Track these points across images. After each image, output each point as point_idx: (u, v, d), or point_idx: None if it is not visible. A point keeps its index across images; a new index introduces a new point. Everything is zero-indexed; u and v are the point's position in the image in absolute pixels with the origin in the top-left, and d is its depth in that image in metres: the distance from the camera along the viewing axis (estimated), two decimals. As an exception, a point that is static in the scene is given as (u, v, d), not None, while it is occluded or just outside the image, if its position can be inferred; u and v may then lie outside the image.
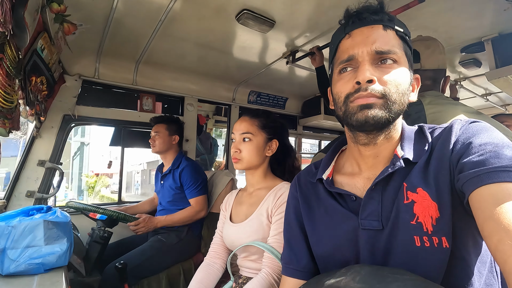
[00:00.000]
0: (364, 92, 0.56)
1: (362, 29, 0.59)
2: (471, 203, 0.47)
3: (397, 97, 0.56)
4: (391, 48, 0.57)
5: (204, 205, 1.83)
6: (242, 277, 1.07)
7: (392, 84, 0.56)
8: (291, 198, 0.78)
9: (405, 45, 0.60)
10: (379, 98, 0.55)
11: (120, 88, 2.09)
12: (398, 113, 0.57)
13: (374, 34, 0.57)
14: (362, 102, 0.56)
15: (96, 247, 1.42)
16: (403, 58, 0.59)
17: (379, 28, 0.58)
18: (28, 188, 1.68)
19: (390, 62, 0.57)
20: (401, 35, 0.59)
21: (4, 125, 1.06)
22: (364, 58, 0.57)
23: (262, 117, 1.13)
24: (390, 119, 0.56)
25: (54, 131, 1.78)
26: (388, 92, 0.55)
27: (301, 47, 1.79)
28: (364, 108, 0.56)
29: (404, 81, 0.57)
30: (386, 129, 0.60)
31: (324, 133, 3.60)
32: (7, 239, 0.89)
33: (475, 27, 1.51)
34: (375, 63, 0.57)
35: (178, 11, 1.38)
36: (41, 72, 1.33)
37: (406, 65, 0.59)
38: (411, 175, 0.56)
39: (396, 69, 0.57)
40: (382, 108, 0.55)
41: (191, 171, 1.83)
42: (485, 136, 0.52)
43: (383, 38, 0.57)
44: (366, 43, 0.57)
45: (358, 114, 0.57)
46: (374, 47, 0.56)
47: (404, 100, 0.58)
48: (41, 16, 1.14)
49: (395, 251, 0.55)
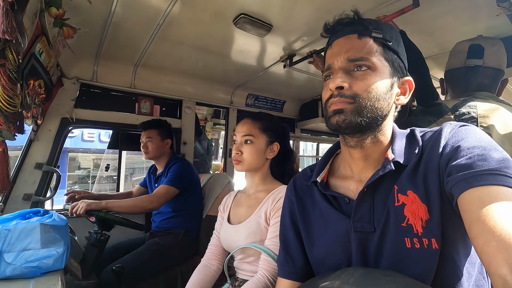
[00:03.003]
0: (335, 98, 0.60)
1: (339, 40, 0.64)
2: (460, 206, 0.47)
3: (369, 102, 0.58)
4: (364, 56, 0.59)
5: (162, 196, 1.68)
6: (239, 280, 1.07)
7: (363, 89, 0.58)
8: (287, 201, 0.79)
9: (386, 50, 0.61)
10: (349, 104, 0.59)
11: (118, 91, 2.09)
12: (373, 117, 0.59)
13: (348, 44, 0.61)
14: (334, 107, 0.61)
15: (93, 251, 1.41)
16: (381, 63, 0.60)
17: (353, 38, 0.62)
18: (25, 191, 1.67)
19: (365, 68, 0.59)
20: (381, 41, 0.61)
21: (10, 128, 1.07)
22: (338, 66, 0.61)
23: (264, 120, 1.14)
24: (363, 122, 0.58)
25: (51, 134, 1.77)
26: (359, 97, 0.58)
27: (299, 50, 1.80)
28: (336, 113, 0.60)
29: (379, 86, 0.59)
30: (370, 132, 0.62)
31: (322, 136, 3.62)
32: (4, 242, 0.89)
33: (470, 31, 1.53)
34: (350, 70, 0.60)
35: (176, 15, 1.39)
36: (39, 76, 1.34)
37: (385, 70, 0.60)
38: (402, 178, 0.57)
39: (370, 74, 0.59)
40: (353, 112, 0.58)
41: (177, 166, 1.83)
42: (474, 139, 0.53)
43: (357, 46, 0.61)
44: (340, 53, 0.61)
45: (331, 119, 0.61)
46: (347, 55, 0.60)
47: (381, 104, 0.59)
48: (39, 20, 1.14)
49: (386, 253, 0.55)
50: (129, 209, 1.58)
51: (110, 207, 1.50)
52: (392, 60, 0.62)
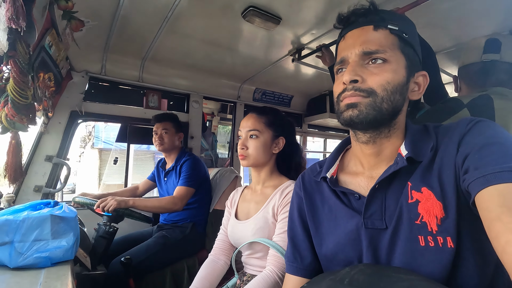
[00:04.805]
0: (348, 92, 0.58)
1: (353, 32, 0.62)
2: (478, 204, 0.46)
3: (385, 96, 0.56)
4: (380, 48, 0.57)
5: (184, 198, 1.72)
6: (247, 275, 1.07)
7: (379, 83, 0.56)
8: (295, 196, 0.78)
9: (401, 43, 0.59)
10: (364, 97, 0.57)
11: (126, 85, 2.10)
12: (388, 112, 0.57)
13: (363, 36, 0.59)
14: (347, 101, 0.59)
15: (102, 242, 1.43)
16: (396, 56, 0.58)
17: (369, 29, 0.60)
18: (36, 182, 1.71)
19: (380, 61, 0.57)
20: (397, 34, 0.59)
21: (22, 120, 1.08)
22: (352, 59, 0.59)
23: (269, 114, 1.13)
24: (377, 117, 0.57)
25: (61, 127, 1.80)
26: (374, 91, 0.56)
27: (307, 44, 1.78)
28: (349, 107, 0.58)
29: (395, 80, 0.57)
30: (384, 127, 0.60)
31: (330, 132, 3.58)
32: (16, 233, 0.91)
33: (486, 24, 1.48)
34: (365, 64, 0.59)
35: (184, 8, 1.38)
36: (49, 69, 1.35)
37: (401, 64, 0.59)
38: (416, 174, 0.56)
39: (386, 68, 0.57)
40: (367, 107, 0.57)
41: (190, 164, 1.84)
42: (492, 135, 0.51)
43: (372, 38, 0.59)
44: (355, 45, 0.59)
45: (344, 113, 0.60)
46: (362, 48, 0.58)
47: (396, 99, 0.58)
48: (49, 13, 1.15)
49: (399, 251, 0.54)
50: (155, 209, 1.66)
51: (137, 205, 1.54)
52: (408, 54, 0.60)
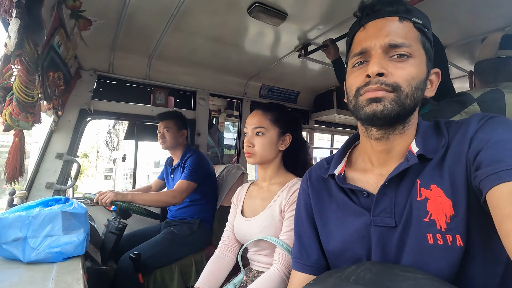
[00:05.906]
0: (373, 86, 0.55)
1: (376, 21, 0.58)
2: (489, 201, 0.45)
3: (409, 91, 0.54)
4: (406, 41, 0.55)
5: (184, 191, 1.71)
6: (253, 271, 1.08)
7: (404, 78, 0.54)
8: (302, 193, 0.78)
9: (423, 38, 0.57)
10: (389, 92, 0.54)
11: (134, 82, 2.12)
12: (410, 108, 0.56)
13: (388, 27, 0.56)
14: (371, 95, 0.55)
15: (111, 238, 1.46)
16: (419, 51, 0.56)
17: (394, 20, 0.56)
18: (47, 179, 1.74)
19: (405, 55, 0.55)
20: (419, 27, 0.57)
21: (27, 119, 1.10)
22: (376, 50, 0.56)
23: (275, 111, 1.12)
24: (400, 114, 0.55)
25: (71, 125, 1.83)
26: (399, 87, 0.54)
27: (314, 40, 1.76)
28: (373, 102, 0.55)
29: (419, 76, 0.55)
30: (399, 124, 0.58)
31: (337, 128, 3.56)
32: (28, 228, 0.94)
33: (497, 17, 1.44)
34: (388, 56, 0.56)
35: (189, 5, 1.38)
36: (58, 68, 1.37)
37: (422, 59, 0.57)
38: (425, 171, 0.55)
39: (410, 63, 0.55)
40: (392, 102, 0.54)
41: (193, 159, 1.85)
42: (504, 131, 0.50)
43: (398, 30, 0.55)
44: (379, 36, 0.56)
45: (366, 108, 0.56)
46: (387, 40, 0.55)
47: (418, 95, 0.56)
48: (57, 13, 1.16)
49: (408, 249, 0.54)
50: (153, 203, 1.64)
51: (136, 199, 1.54)
52: (428, 49, 0.58)
